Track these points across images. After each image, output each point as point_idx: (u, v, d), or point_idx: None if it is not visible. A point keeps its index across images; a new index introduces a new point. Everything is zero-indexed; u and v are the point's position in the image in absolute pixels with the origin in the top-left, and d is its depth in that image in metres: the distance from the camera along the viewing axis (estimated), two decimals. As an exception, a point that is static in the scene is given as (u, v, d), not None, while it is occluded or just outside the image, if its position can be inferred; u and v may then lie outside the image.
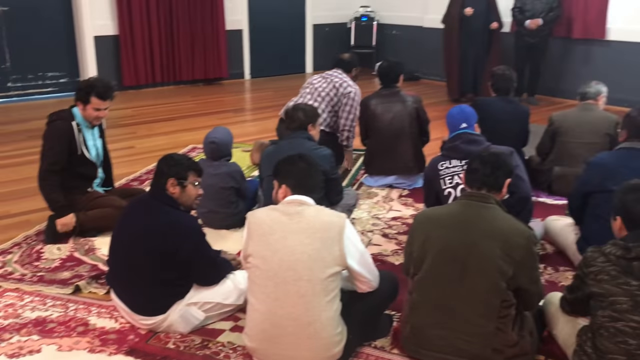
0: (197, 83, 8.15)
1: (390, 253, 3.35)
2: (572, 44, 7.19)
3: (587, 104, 4.09)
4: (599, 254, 2.05)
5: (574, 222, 3.21)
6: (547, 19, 6.75)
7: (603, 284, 2.00)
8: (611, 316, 1.98)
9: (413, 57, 8.76)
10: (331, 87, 4.57)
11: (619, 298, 1.97)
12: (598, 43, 6.98)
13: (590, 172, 3.01)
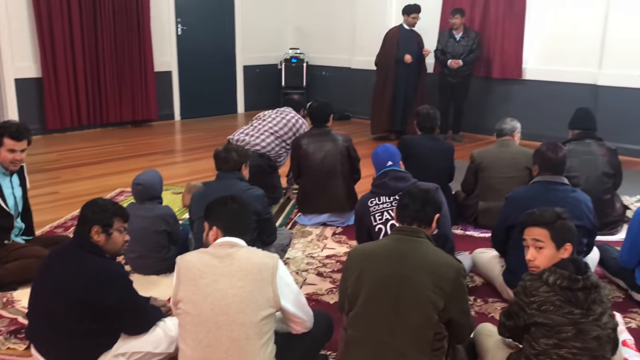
0: (125, 125, 7.99)
1: (325, 292, 3.34)
2: (491, 83, 7.57)
3: (504, 140, 4.30)
4: (540, 283, 2.10)
5: (499, 255, 3.33)
6: (467, 60, 7.10)
7: (549, 315, 2.05)
8: (556, 344, 2.04)
9: (343, 96, 8.97)
10: (285, 122, 4.74)
11: (564, 327, 2.04)
12: (515, 82, 7.39)
13: (509, 207, 3.15)
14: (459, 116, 7.47)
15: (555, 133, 5.74)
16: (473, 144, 7.02)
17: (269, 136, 4.66)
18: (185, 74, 8.62)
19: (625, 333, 2.72)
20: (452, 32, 7.16)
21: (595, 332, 2.05)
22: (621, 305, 3.19)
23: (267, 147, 4.62)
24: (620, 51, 6.41)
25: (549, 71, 7.10)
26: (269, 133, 4.67)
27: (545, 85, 7.12)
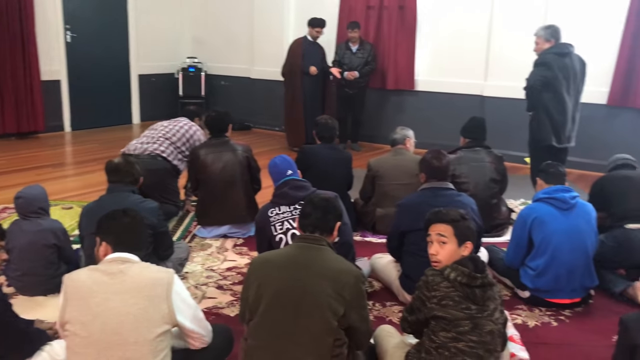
0: (9, 137, 7.47)
1: (225, 305, 3.29)
2: (386, 94, 7.84)
3: (398, 149, 4.46)
4: (441, 279, 2.20)
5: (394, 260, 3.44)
6: (363, 72, 7.30)
7: (448, 309, 2.16)
8: (455, 337, 2.15)
9: (243, 106, 8.93)
10: (177, 129, 4.67)
11: (462, 321, 2.15)
12: (408, 93, 7.70)
13: (401, 213, 3.27)
14: (357, 126, 7.65)
15: (447, 141, 6.03)
16: (371, 153, 7.21)
17: (164, 141, 4.56)
18: (75, 83, 8.20)
19: (512, 329, 2.90)
20: (349, 44, 7.34)
21: (489, 327, 2.17)
22: (508, 303, 3.37)
23: (166, 151, 4.51)
24: (503, 64, 6.86)
25: (439, 82, 7.46)
26: (163, 139, 4.58)
27: (436, 96, 7.47)
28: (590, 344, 2.95)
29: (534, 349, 2.82)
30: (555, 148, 4.87)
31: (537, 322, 3.18)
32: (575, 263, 3.25)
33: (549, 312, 3.28)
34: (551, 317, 3.24)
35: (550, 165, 3.50)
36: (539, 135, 4.88)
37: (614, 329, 2.28)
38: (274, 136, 8.43)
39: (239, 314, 2.32)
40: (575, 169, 6.43)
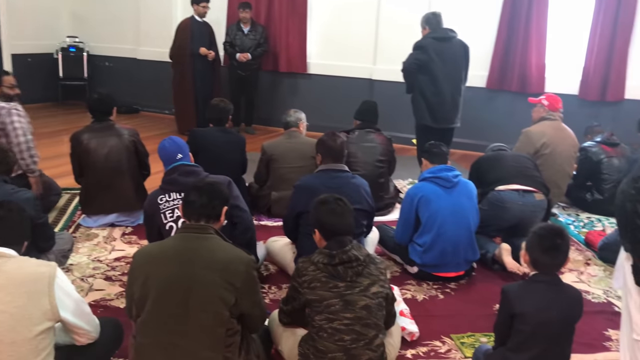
0: None
1: (114, 296, 3.14)
2: (280, 77, 7.81)
3: (291, 131, 4.47)
4: (309, 264, 2.29)
5: (291, 242, 3.45)
6: (255, 53, 7.22)
7: (317, 291, 2.23)
8: (327, 318, 2.21)
9: (130, 89, 8.54)
10: None
11: (332, 300, 2.21)
12: (301, 76, 7.72)
13: (297, 194, 3.28)
14: (251, 109, 7.58)
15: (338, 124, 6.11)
16: (265, 136, 7.18)
17: None
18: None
19: (402, 304, 3.01)
20: (241, 25, 7.21)
21: (363, 302, 2.24)
22: (398, 279, 3.52)
23: None
24: (390, 49, 7.04)
25: (330, 66, 7.54)
26: None
27: (328, 79, 7.56)
28: (474, 313, 3.14)
29: (423, 321, 2.95)
30: (435, 128, 5.14)
31: (425, 296, 3.33)
32: (459, 238, 3.43)
33: (436, 286, 3.45)
34: (438, 290, 3.41)
35: (434, 146, 3.65)
36: (415, 115, 5.19)
37: (496, 298, 2.42)
38: (163, 119, 8.14)
39: (125, 310, 2.22)
40: (459, 149, 6.79)
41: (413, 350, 2.75)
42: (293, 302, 2.34)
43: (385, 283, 2.36)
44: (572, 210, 4.95)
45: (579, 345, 2.49)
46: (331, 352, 2.21)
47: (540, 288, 2.31)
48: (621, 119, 6.07)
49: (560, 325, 2.29)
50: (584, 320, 2.38)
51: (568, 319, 2.31)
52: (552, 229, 2.31)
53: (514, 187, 3.80)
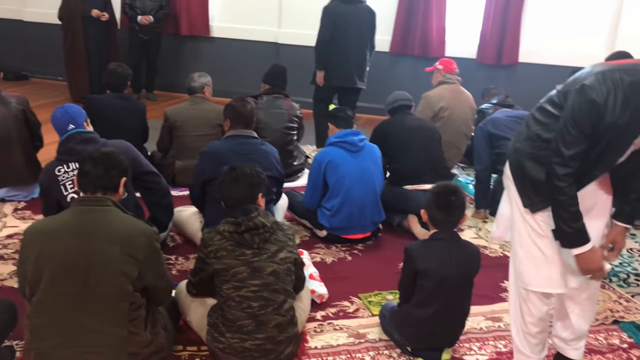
0: None
1: (7, 276, 2.95)
2: (182, 40, 7.52)
3: (196, 97, 4.33)
4: (215, 233, 2.26)
5: (198, 210, 3.38)
6: (157, 16, 6.88)
7: (223, 260, 2.21)
8: (235, 286, 2.20)
9: (16, 53, 7.92)
10: None
11: (239, 269, 2.20)
12: (204, 40, 7.48)
13: (204, 161, 3.20)
14: (153, 74, 7.26)
15: (245, 89, 6.00)
16: (168, 103, 6.92)
17: None
18: None
19: (312, 267, 3.04)
20: (140, -15, 6.84)
21: (271, 268, 2.25)
22: (308, 243, 3.55)
23: None
24: (295, 12, 6.96)
25: (234, 29, 7.35)
26: None
27: (233, 42, 7.37)
28: (381, 273, 3.23)
29: (332, 283, 3.00)
30: (338, 88, 5.32)
31: (334, 258, 3.39)
32: (365, 201, 3.50)
33: (344, 248, 3.52)
34: (346, 252, 3.48)
35: (339, 110, 3.67)
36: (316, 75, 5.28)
37: (401, 257, 2.50)
38: (56, 86, 7.63)
39: (18, 289, 2.09)
40: (364, 113, 6.88)
41: (323, 312, 2.80)
42: (201, 273, 2.31)
43: (293, 248, 2.37)
44: (471, 170, 5.17)
45: (477, 298, 2.63)
46: (240, 320, 2.21)
47: (440, 245, 2.41)
48: (516, 82, 6.39)
49: (460, 280, 2.41)
50: (482, 274, 2.51)
51: (467, 274, 2.44)
52: (447, 187, 2.41)
53: (422, 188, 3.76)
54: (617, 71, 1.90)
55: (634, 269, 3.42)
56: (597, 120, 1.89)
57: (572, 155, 1.94)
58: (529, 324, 2.22)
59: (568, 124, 1.94)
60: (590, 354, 2.57)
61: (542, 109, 2.12)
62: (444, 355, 2.46)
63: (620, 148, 1.98)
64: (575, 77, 2.02)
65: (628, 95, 1.87)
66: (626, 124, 1.90)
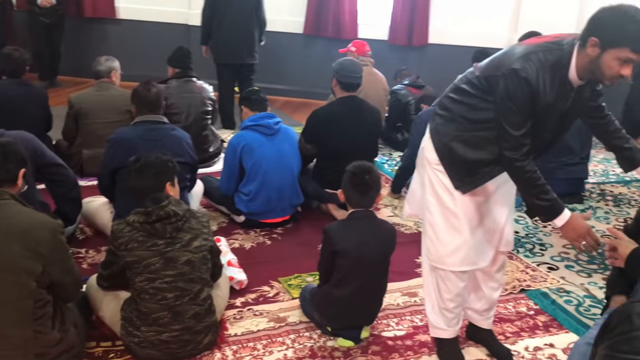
0: None
1: None
2: (86, 23, 7.14)
3: (102, 82, 4.13)
4: (124, 225, 2.18)
5: (108, 200, 3.24)
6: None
7: (135, 252, 2.13)
8: (148, 278, 2.13)
9: None
10: None
11: (151, 260, 2.13)
12: (110, 22, 7.14)
13: (112, 149, 3.07)
14: (56, 59, 6.84)
15: (156, 72, 5.79)
16: (72, 88, 6.55)
17: None
18: None
19: (230, 254, 3.00)
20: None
21: (186, 257, 2.19)
22: (225, 229, 3.50)
23: None
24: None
25: (142, 10, 7.06)
26: None
27: (141, 24, 7.08)
28: (300, 255, 3.23)
29: (251, 269, 2.97)
30: (232, 65, 5.44)
31: (253, 244, 3.36)
32: (283, 184, 3.49)
33: (263, 232, 3.49)
34: (265, 236, 3.46)
35: (252, 93, 3.62)
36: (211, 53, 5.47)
37: (319, 239, 2.51)
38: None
39: None
40: (280, 95, 6.84)
41: (242, 298, 2.77)
42: (112, 266, 2.23)
43: (209, 236, 2.32)
44: (386, 150, 5.27)
45: (393, 274, 2.68)
46: (155, 313, 2.15)
47: (357, 224, 2.45)
48: (426, 63, 6.54)
49: (377, 258, 2.45)
50: (398, 251, 2.57)
51: (383, 252, 2.49)
52: (361, 167, 2.44)
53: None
54: (539, 52, 1.96)
55: (538, 239, 3.62)
56: (533, 99, 1.95)
57: (523, 134, 1.98)
58: (446, 301, 2.29)
59: (509, 108, 1.97)
60: (500, 322, 2.70)
61: (460, 89, 2.14)
62: (363, 332, 2.51)
63: (551, 124, 2.05)
64: (495, 61, 2.06)
65: (553, 74, 1.95)
66: (555, 100, 1.98)
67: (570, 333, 2.64)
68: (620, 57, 1.84)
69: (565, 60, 1.94)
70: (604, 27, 1.85)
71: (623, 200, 4.35)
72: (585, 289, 3.05)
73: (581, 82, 1.99)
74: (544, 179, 2.03)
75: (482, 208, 2.21)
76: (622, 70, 1.86)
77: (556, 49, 1.96)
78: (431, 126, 2.25)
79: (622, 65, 1.85)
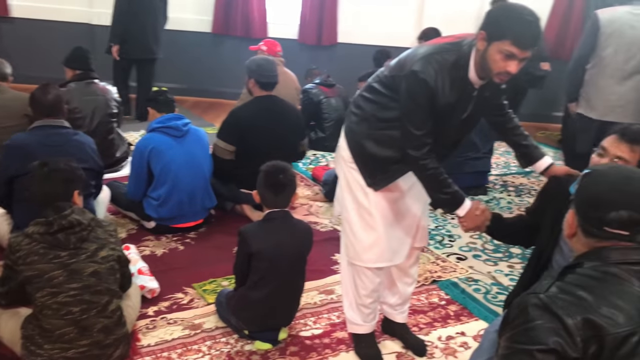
0: None
1: None
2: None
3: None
4: (22, 237, 2.04)
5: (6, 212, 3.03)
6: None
7: (35, 265, 2.01)
8: (51, 292, 2.01)
9: None
10: None
11: (54, 273, 2.01)
12: (3, 20, 6.68)
13: (8, 156, 2.88)
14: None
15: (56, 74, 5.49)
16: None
17: None
18: None
19: (140, 262, 2.89)
20: None
21: (91, 268, 2.09)
22: (135, 236, 3.37)
23: None
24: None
25: (39, 9, 6.67)
26: None
27: (38, 23, 6.67)
28: (215, 259, 3.16)
29: (164, 276, 2.88)
30: (135, 60, 5.53)
31: (165, 250, 3.26)
32: (194, 188, 3.40)
33: (175, 238, 3.39)
34: (178, 242, 3.36)
35: (159, 94, 3.51)
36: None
37: (234, 241, 2.47)
38: None
39: None
40: (188, 96, 6.68)
41: (155, 307, 2.68)
42: (9, 282, 2.08)
43: (116, 245, 2.22)
44: (301, 149, 5.28)
45: (310, 273, 2.68)
46: (59, 329, 2.02)
47: (273, 225, 2.43)
48: (336, 61, 6.62)
49: (294, 259, 2.45)
50: (314, 249, 2.58)
51: (300, 252, 2.48)
52: (275, 166, 2.43)
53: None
54: (439, 53, 2.00)
55: (447, 231, 3.75)
56: (433, 99, 1.99)
57: (425, 133, 2.02)
58: (363, 296, 2.32)
59: (410, 108, 2.01)
60: (414, 314, 2.77)
61: (372, 88, 2.17)
62: (280, 334, 2.49)
63: (453, 123, 2.10)
64: (400, 61, 2.10)
65: (453, 75, 1.99)
66: (456, 101, 2.03)
67: (480, 320, 2.76)
68: (502, 50, 1.87)
69: (464, 60, 1.99)
70: (491, 20, 1.92)
71: (524, 190, 4.60)
72: (492, 276, 3.20)
73: (482, 82, 2.04)
74: (450, 173, 2.10)
75: (396, 205, 2.25)
76: (507, 65, 1.89)
77: (455, 49, 2.01)
78: (345, 125, 2.28)
79: (506, 60, 1.89)
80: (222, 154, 3.63)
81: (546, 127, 6.64)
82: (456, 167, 4.03)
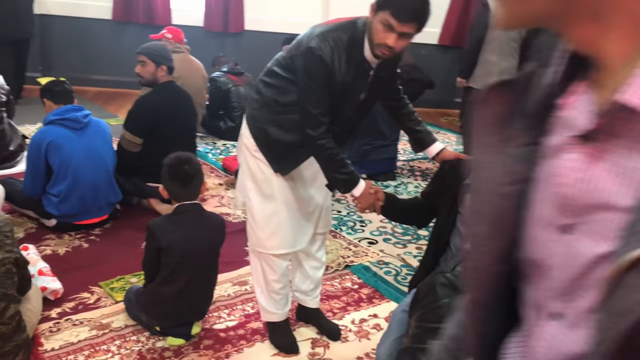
0: None
1: None
2: None
3: None
4: None
5: None
6: None
7: None
8: None
9: None
10: None
11: None
12: None
13: None
14: None
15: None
16: None
17: None
18: None
19: (41, 262, 2.73)
20: None
21: None
22: (35, 236, 3.18)
23: None
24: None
25: None
26: None
27: None
28: (122, 256, 3.05)
29: (67, 275, 2.74)
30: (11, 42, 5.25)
31: (68, 248, 3.10)
32: (97, 182, 3.26)
33: (79, 235, 3.24)
34: (82, 239, 3.21)
35: (56, 84, 3.32)
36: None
37: (142, 237, 2.40)
38: None
39: None
40: (92, 86, 6.38)
41: (59, 309, 2.55)
42: None
43: (13, 247, 2.08)
44: (209, 139, 5.19)
45: (223, 265, 2.65)
46: None
47: (183, 218, 2.36)
48: (243, 49, 6.53)
49: (206, 252, 2.40)
50: (227, 241, 2.54)
51: (212, 245, 2.44)
52: (179, 158, 2.36)
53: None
54: (335, 30, 2.02)
55: (359, 217, 3.82)
56: (329, 77, 2.00)
57: (322, 112, 2.02)
58: (271, 282, 2.32)
59: (307, 85, 2.01)
60: (328, 300, 2.81)
61: (272, 72, 2.16)
62: (194, 329, 2.44)
63: (351, 104, 2.12)
64: (298, 40, 2.10)
65: (349, 53, 2.01)
66: (353, 79, 2.05)
67: (391, 302, 2.84)
68: (383, 21, 1.90)
69: (359, 37, 2.01)
70: None
71: (429, 174, 4.76)
72: (401, 259, 3.30)
73: (378, 61, 2.06)
74: (360, 161, 2.14)
75: (298, 192, 2.27)
76: (386, 37, 1.92)
77: (351, 27, 2.03)
78: (247, 112, 2.26)
79: (386, 32, 1.91)
80: (128, 146, 3.50)
81: (449, 112, 6.91)
82: (364, 154, 4.13)
